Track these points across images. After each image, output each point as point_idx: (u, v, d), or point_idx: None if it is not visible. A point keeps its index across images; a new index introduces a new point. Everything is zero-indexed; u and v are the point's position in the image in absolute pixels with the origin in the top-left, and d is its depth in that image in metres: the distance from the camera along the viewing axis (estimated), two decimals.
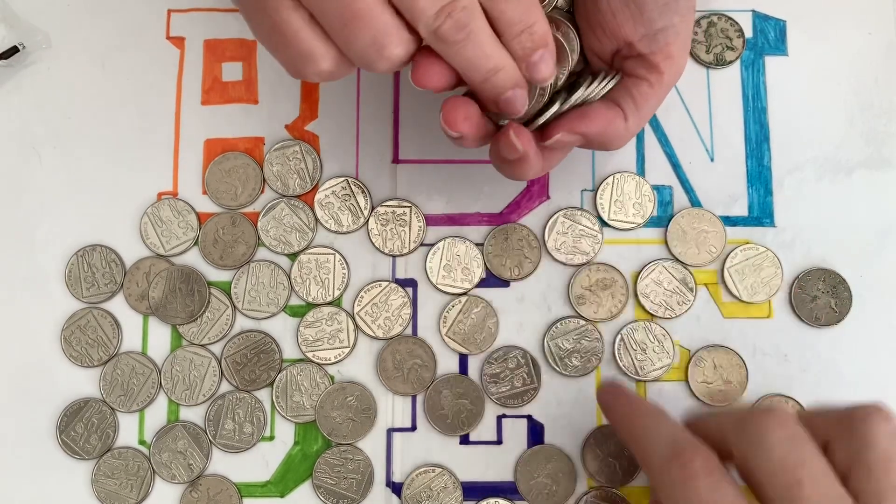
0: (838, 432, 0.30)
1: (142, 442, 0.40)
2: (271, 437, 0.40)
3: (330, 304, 0.41)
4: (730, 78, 0.43)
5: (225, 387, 0.40)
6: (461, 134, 0.32)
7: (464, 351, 0.40)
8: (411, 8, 0.29)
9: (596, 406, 0.40)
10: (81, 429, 0.40)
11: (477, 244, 0.41)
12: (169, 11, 0.43)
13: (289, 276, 0.41)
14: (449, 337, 0.40)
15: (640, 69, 0.35)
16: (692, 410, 0.34)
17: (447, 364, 0.40)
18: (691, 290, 0.41)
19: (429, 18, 0.29)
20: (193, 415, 0.40)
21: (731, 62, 0.43)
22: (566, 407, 0.40)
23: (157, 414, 0.40)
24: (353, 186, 0.42)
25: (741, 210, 0.42)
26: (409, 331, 0.41)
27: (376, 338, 0.40)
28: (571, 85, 0.35)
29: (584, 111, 0.34)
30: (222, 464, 0.40)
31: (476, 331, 0.40)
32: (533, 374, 0.40)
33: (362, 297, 0.41)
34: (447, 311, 0.40)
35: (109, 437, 0.39)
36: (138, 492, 0.39)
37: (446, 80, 0.31)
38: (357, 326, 0.40)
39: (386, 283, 0.41)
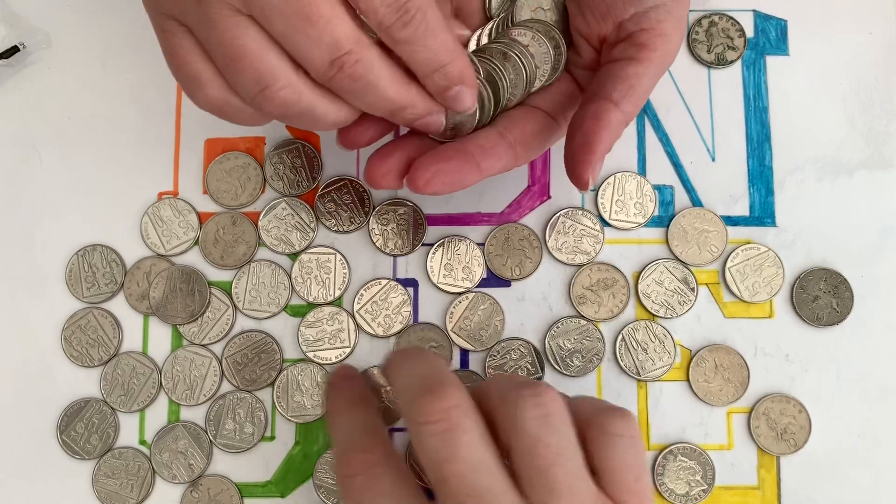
0: (501, 416, 0.30)
1: (142, 442, 0.40)
2: (272, 438, 0.40)
3: (331, 303, 0.41)
4: (731, 77, 0.43)
5: (225, 387, 0.40)
6: (387, 188, 0.33)
7: (469, 347, 0.40)
8: (303, 57, 0.29)
9: None
10: (82, 429, 0.39)
11: (478, 244, 0.41)
12: None
13: (289, 276, 0.41)
14: (454, 332, 0.40)
15: (629, 50, 0.34)
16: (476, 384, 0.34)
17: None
18: (692, 289, 0.41)
19: (321, 69, 0.29)
20: (194, 415, 0.40)
21: (732, 62, 0.43)
22: None
23: (157, 414, 0.40)
24: (353, 186, 0.41)
25: (742, 210, 0.42)
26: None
27: (376, 336, 0.40)
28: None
29: (583, 140, 0.34)
30: (223, 464, 0.40)
31: (482, 327, 0.40)
32: (537, 365, 0.40)
33: (362, 294, 0.40)
34: (454, 307, 0.40)
35: (110, 437, 0.39)
36: (139, 492, 0.39)
37: (369, 137, 0.33)
38: (357, 325, 0.40)
39: (386, 281, 0.41)
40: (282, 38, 0.28)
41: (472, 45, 0.37)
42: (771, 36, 0.43)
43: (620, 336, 0.40)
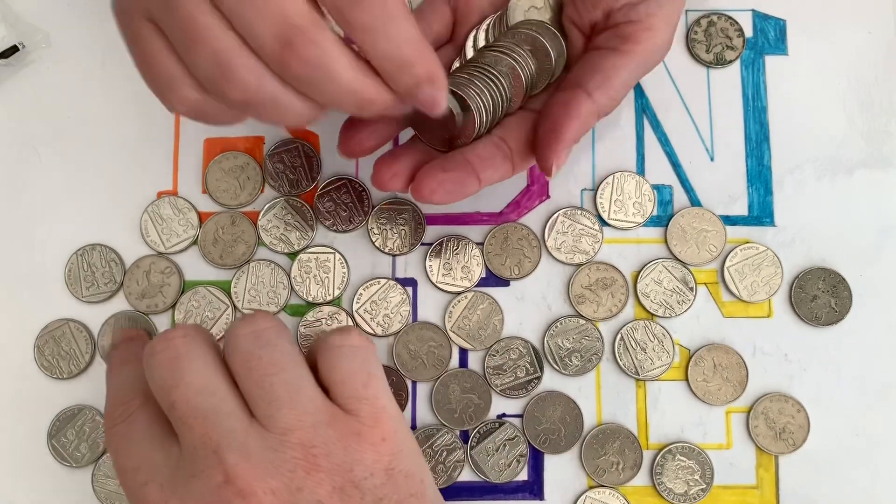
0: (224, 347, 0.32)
1: None
2: None
3: (330, 303, 0.41)
4: (730, 77, 0.43)
5: None
6: (394, 191, 0.33)
7: (467, 346, 0.40)
8: (251, 34, 0.27)
9: (596, 405, 0.40)
10: (72, 436, 0.39)
11: (477, 243, 0.41)
12: None
13: (289, 276, 0.41)
14: (453, 332, 0.40)
15: (612, 40, 0.34)
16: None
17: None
18: (691, 289, 0.41)
19: (271, 49, 0.27)
20: None
21: (731, 62, 0.43)
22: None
23: None
24: (352, 186, 0.42)
25: (741, 209, 0.42)
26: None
27: (375, 335, 0.40)
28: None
29: (551, 126, 0.34)
30: None
31: (481, 327, 0.40)
32: (536, 364, 0.40)
33: (361, 294, 0.41)
34: (453, 306, 0.40)
35: (99, 447, 0.39)
36: None
37: (371, 146, 0.34)
38: (356, 325, 0.40)
39: (385, 281, 0.41)
40: (230, 13, 0.27)
41: (469, 45, 0.37)
42: (770, 35, 0.43)
43: (619, 335, 0.40)
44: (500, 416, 0.40)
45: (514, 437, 0.39)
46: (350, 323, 0.40)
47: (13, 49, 0.42)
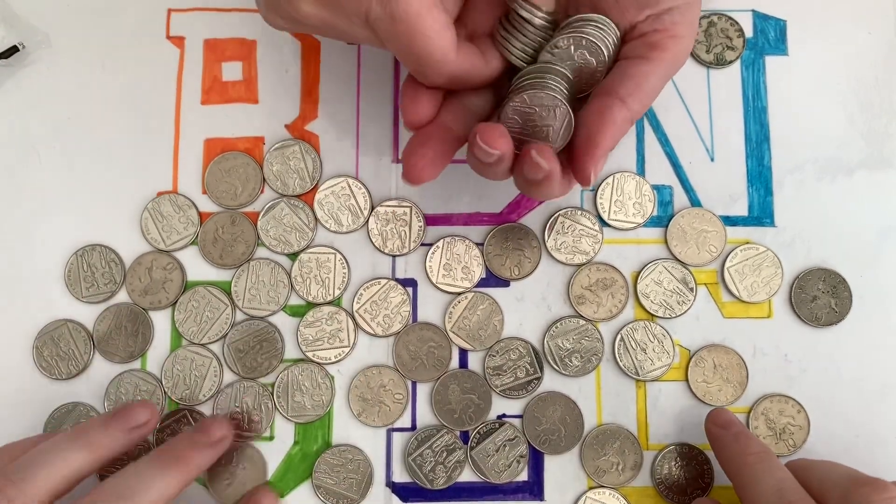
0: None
1: None
2: (271, 437, 0.40)
3: (330, 303, 0.41)
4: (730, 78, 0.43)
5: (227, 378, 0.40)
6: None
7: (467, 347, 0.40)
8: None
9: (596, 406, 0.40)
10: None
11: (477, 244, 0.41)
12: (169, 11, 0.43)
13: (289, 274, 0.41)
14: (453, 332, 0.40)
15: (640, 49, 0.34)
16: (796, 461, 0.36)
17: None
18: (691, 289, 0.41)
19: None
20: (200, 405, 0.40)
21: (731, 62, 0.43)
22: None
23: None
24: (352, 186, 0.42)
25: (741, 210, 0.42)
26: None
27: (375, 335, 0.40)
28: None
29: (587, 135, 0.33)
30: None
31: (481, 327, 0.40)
32: (535, 364, 0.40)
33: (361, 294, 0.41)
34: (453, 307, 0.40)
35: None
36: None
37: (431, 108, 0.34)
38: (357, 325, 0.40)
39: (385, 281, 0.41)
40: None
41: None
42: (770, 36, 0.43)
43: (619, 336, 0.40)
44: (500, 417, 0.40)
45: (514, 438, 0.39)
46: (349, 323, 0.40)
47: (13, 49, 0.42)
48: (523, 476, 0.39)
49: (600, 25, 0.34)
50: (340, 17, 0.31)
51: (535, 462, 0.40)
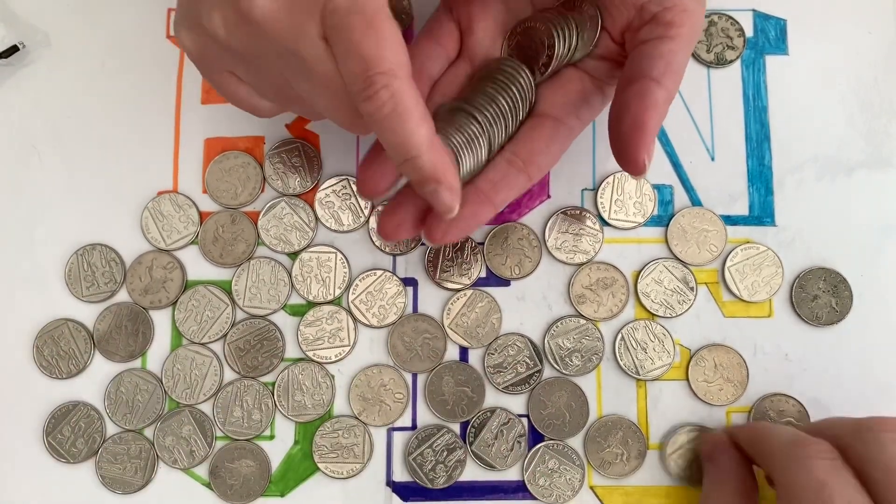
0: (852, 440, 0.32)
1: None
2: (272, 437, 0.40)
3: (330, 302, 0.41)
4: (730, 77, 0.43)
5: (227, 376, 0.40)
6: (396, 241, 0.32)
7: (465, 344, 0.40)
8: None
9: (597, 406, 0.40)
10: (68, 432, 0.39)
11: (477, 243, 0.41)
12: (169, 11, 0.43)
13: (289, 273, 0.41)
14: (451, 329, 0.40)
15: (657, 29, 0.34)
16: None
17: (448, 356, 0.40)
18: (692, 289, 0.41)
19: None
20: (201, 404, 0.40)
21: (731, 61, 0.43)
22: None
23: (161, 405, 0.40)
24: (353, 186, 0.42)
25: (742, 209, 0.42)
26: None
27: (371, 326, 0.40)
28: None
29: (633, 122, 0.32)
30: None
31: (479, 325, 0.40)
32: (535, 358, 0.40)
33: (357, 286, 0.40)
34: (451, 304, 0.40)
35: (96, 442, 0.39)
36: (143, 475, 0.39)
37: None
38: (352, 317, 0.40)
39: (381, 272, 0.41)
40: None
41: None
42: (770, 35, 0.43)
43: (620, 335, 0.40)
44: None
45: (508, 421, 0.39)
46: (349, 322, 0.40)
47: (13, 49, 0.42)
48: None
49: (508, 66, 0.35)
50: (294, 11, 0.28)
51: (534, 438, 0.40)
